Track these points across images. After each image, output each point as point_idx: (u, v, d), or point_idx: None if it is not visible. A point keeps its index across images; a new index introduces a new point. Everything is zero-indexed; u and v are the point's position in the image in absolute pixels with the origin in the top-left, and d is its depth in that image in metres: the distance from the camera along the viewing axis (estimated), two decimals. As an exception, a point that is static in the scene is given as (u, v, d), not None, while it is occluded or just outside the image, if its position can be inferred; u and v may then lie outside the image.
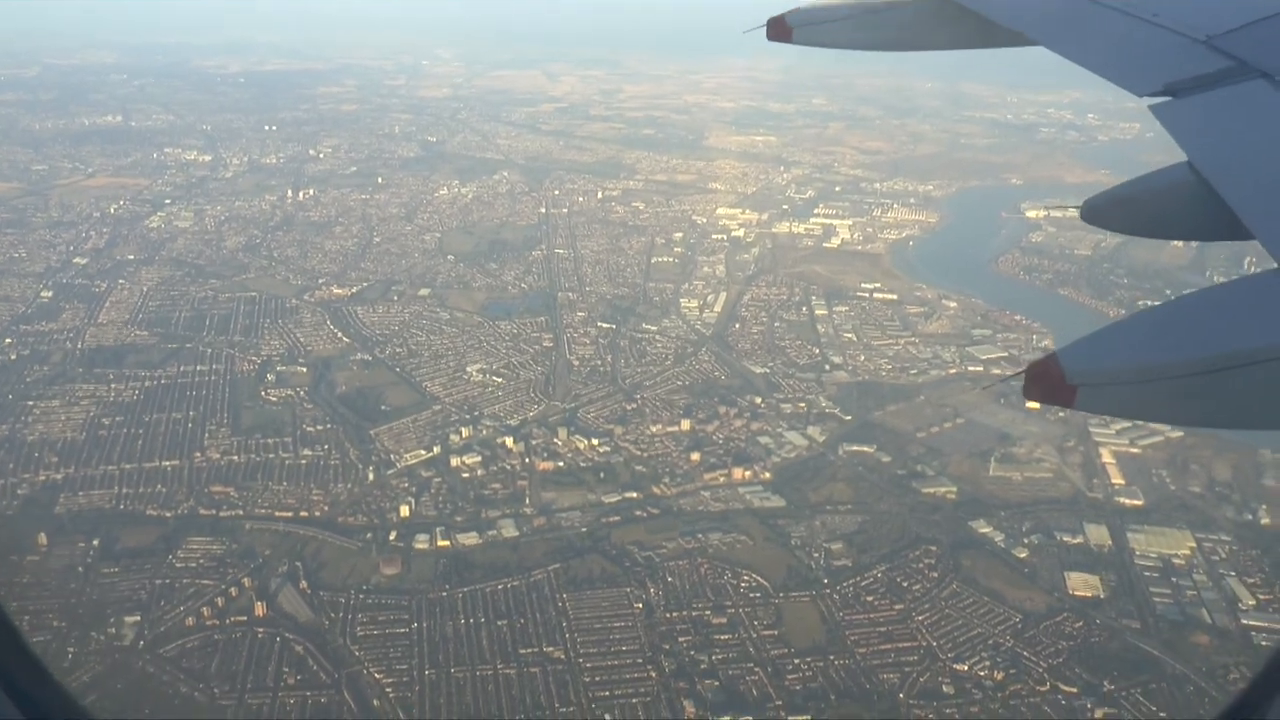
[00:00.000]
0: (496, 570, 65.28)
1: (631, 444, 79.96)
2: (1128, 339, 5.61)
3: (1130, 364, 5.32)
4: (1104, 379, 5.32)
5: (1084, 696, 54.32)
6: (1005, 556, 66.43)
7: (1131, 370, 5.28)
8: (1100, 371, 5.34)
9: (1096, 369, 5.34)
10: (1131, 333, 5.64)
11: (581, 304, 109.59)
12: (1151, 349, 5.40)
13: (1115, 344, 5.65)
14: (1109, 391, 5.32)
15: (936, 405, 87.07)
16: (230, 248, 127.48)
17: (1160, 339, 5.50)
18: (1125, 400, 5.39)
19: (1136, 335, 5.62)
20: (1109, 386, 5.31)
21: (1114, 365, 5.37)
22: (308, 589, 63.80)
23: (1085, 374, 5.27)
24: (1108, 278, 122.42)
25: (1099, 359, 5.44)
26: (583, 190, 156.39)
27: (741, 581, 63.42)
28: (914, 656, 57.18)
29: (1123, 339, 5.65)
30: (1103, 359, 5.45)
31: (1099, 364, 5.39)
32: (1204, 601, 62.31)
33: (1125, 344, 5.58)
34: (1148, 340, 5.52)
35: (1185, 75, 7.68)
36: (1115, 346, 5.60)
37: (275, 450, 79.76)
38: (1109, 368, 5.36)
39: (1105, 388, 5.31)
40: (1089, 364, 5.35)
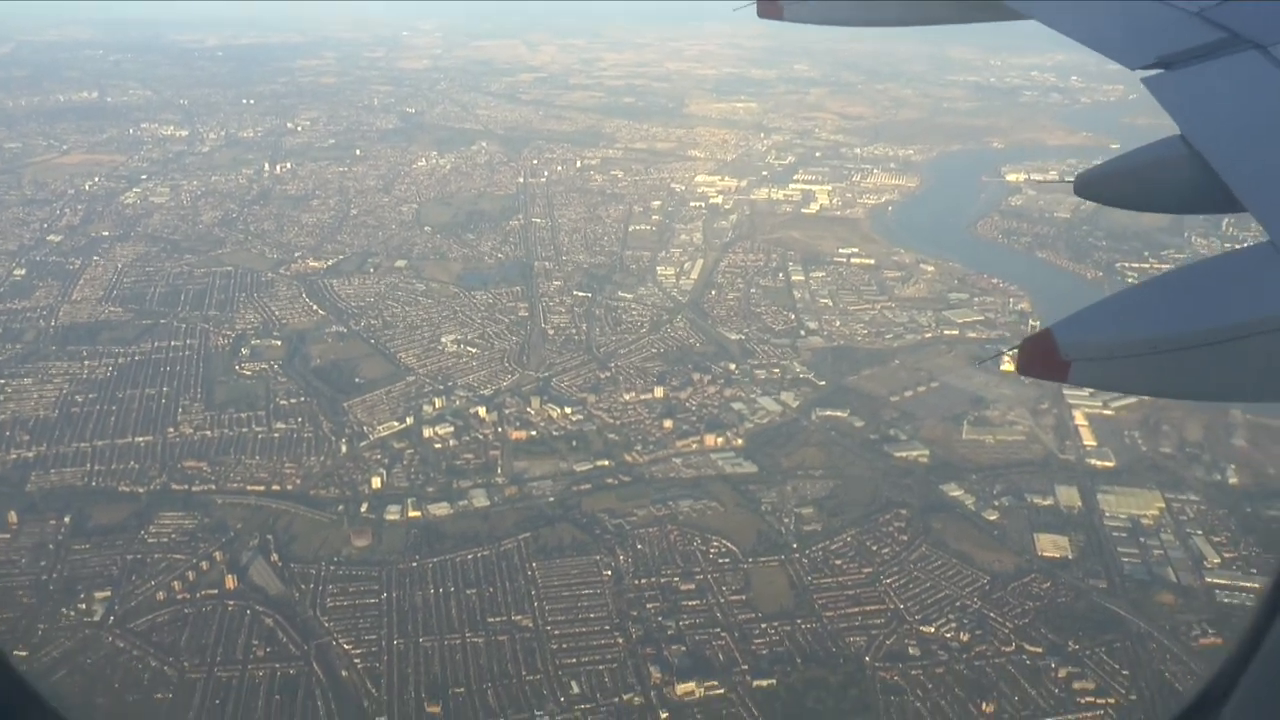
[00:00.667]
0: (467, 540, 65.29)
1: (604, 412, 79.90)
2: (1121, 314, 5.73)
3: (1123, 339, 5.41)
4: (1098, 353, 5.43)
5: (1049, 656, 54.56)
6: (975, 519, 66.59)
7: (1125, 345, 5.38)
8: (1094, 346, 5.44)
9: (1090, 343, 5.44)
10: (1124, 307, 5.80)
11: (558, 273, 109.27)
12: (1144, 323, 5.47)
13: (1108, 319, 5.77)
14: (1102, 366, 5.44)
15: (911, 369, 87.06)
16: (206, 222, 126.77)
17: (1153, 313, 5.57)
18: (1119, 374, 5.56)
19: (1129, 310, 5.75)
20: (1102, 361, 5.43)
21: (1107, 340, 5.47)
22: (279, 562, 63.76)
23: (1079, 348, 5.36)
24: (1086, 240, 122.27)
25: (1092, 334, 5.54)
26: (561, 159, 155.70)
27: (711, 548, 63.49)
28: (881, 619, 57.35)
29: (1116, 314, 5.79)
30: (1096, 334, 5.54)
31: (1092, 338, 5.49)
32: (1170, 561, 62.58)
33: (1118, 319, 5.68)
34: (1141, 315, 5.60)
35: (1177, 48, 7.69)
36: (1108, 321, 5.71)
37: (249, 424, 79.56)
38: (1102, 342, 5.46)
39: (1099, 362, 5.42)
40: (1083, 338, 5.45)
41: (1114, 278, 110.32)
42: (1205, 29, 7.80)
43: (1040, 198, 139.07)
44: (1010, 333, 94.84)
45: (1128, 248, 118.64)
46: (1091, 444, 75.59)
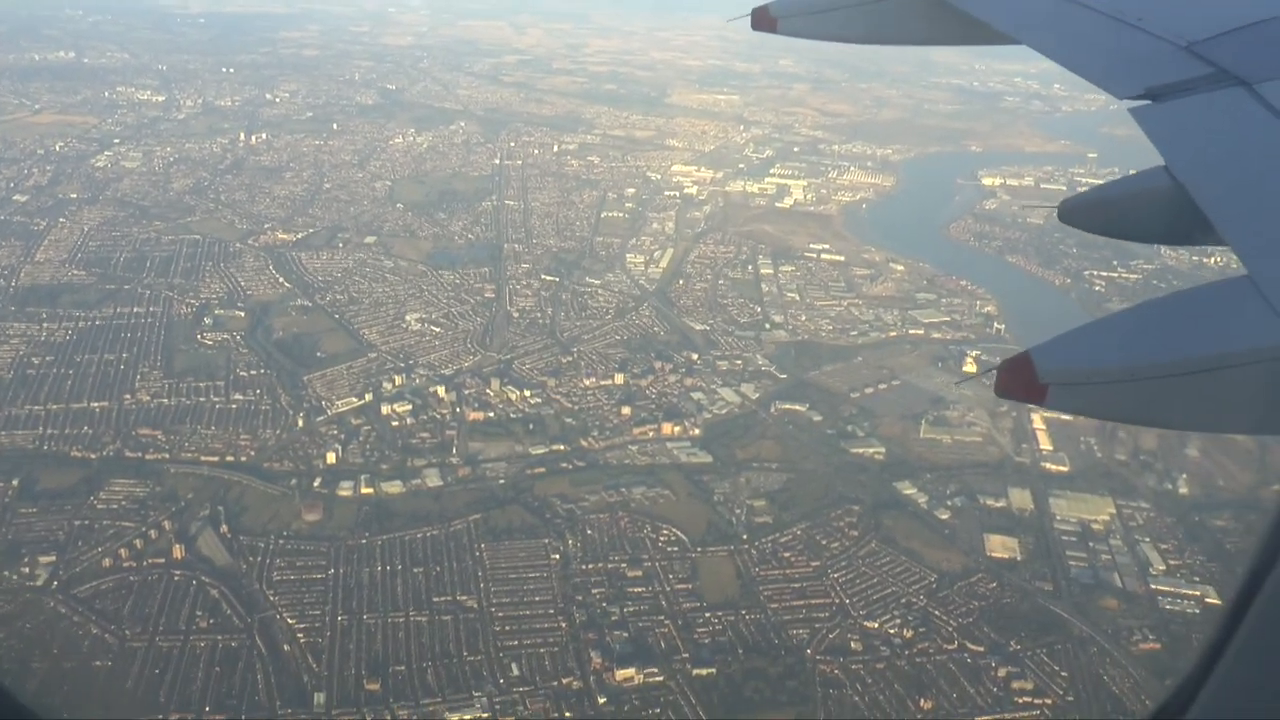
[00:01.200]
0: (417, 519, 65.08)
1: (563, 396, 79.75)
2: (1100, 340, 5.79)
3: (1102, 365, 5.47)
4: (1075, 378, 5.49)
5: (990, 655, 54.82)
6: (927, 518, 66.82)
7: (1102, 371, 5.44)
8: (1072, 371, 5.49)
9: (1068, 369, 5.49)
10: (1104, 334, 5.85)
11: (527, 256, 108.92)
12: (1122, 351, 5.53)
13: (1088, 345, 5.82)
14: (1079, 391, 5.52)
15: (874, 367, 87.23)
16: (177, 190, 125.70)
17: (1132, 341, 5.61)
18: (1095, 400, 5.62)
19: (1109, 337, 5.81)
20: (1080, 386, 5.49)
21: (1086, 365, 5.51)
22: (228, 533, 63.43)
23: (1057, 373, 5.41)
24: (1057, 247, 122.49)
25: (1071, 359, 5.59)
26: (539, 143, 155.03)
27: (661, 536, 63.49)
28: (825, 613, 57.49)
29: (1095, 340, 5.84)
30: (1075, 359, 5.60)
31: (1071, 364, 5.54)
32: (1117, 566, 63.03)
33: (1098, 345, 5.75)
34: (1120, 342, 5.66)
35: (1166, 80, 7.75)
36: (1088, 347, 5.76)
37: (206, 394, 79.07)
38: (1081, 368, 5.50)
39: (1076, 387, 5.49)
40: (1061, 363, 5.50)
41: (1081, 285, 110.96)
42: (1193, 63, 7.90)
43: (1014, 202, 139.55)
44: (975, 334, 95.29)
45: (1098, 256, 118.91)
46: (1047, 448, 75.93)
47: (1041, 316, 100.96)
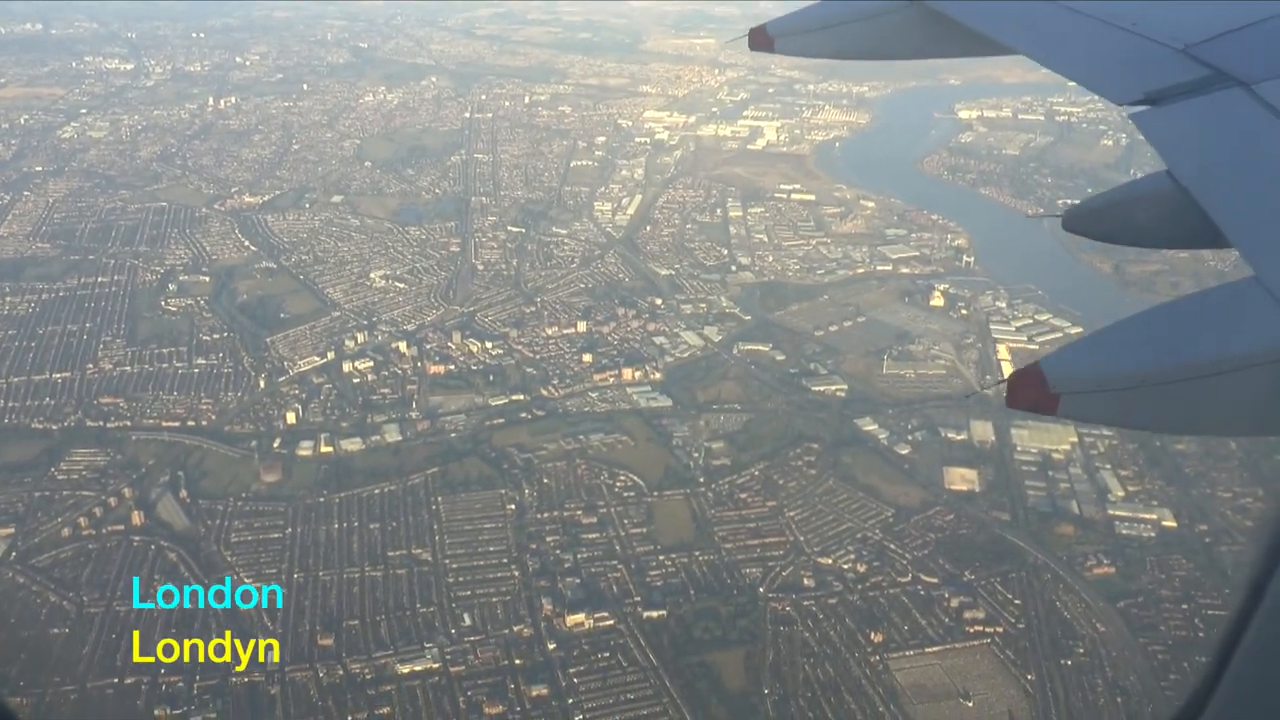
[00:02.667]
0: (376, 475, 65.03)
1: (525, 347, 79.48)
2: (1109, 348, 5.82)
3: (1111, 372, 5.52)
4: (1086, 387, 5.55)
5: (943, 587, 54.81)
6: (886, 453, 66.61)
7: (1113, 379, 5.49)
8: (1082, 380, 5.56)
9: (1078, 377, 5.56)
10: (1113, 341, 5.85)
11: (494, 208, 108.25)
12: (1132, 358, 5.56)
13: (1097, 353, 5.94)
14: (1091, 399, 5.58)
15: (839, 304, 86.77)
16: (144, 157, 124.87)
17: (1141, 348, 5.65)
18: (1107, 408, 5.72)
19: (1117, 344, 5.82)
20: (1091, 394, 5.56)
21: (1095, 373, 5.58)
22: (187, 498, 63.41)
23: (1068, 382, 5.48)
24: (1031, 177, 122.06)
25: (1081, 367, 5.69)
26: (510, 95, 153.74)
27: (617, 481, 63.37)
28: (779, 552, 57.42)
29: (1104, 348, 5.90)
30: (1085, 368, 5.68)
31: (1081, 372, 5.61)
32: (1076, 494, 62.94)
33: (1106, 353, 5.79)
34: (1129, 349, 5.68)
35: (1164, 84, 7.73)
36: (1097, 355, 5.87)
37: (169, 360, 78.89)
38: (1091, 376, 5.57)
39: (1087, 395, 5.55)
40: (1071, 372, 5.58)
41: (1055, 215, 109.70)
42: (1191, 66, 7.86)
43: (991, 135, 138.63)
44: (944, 268, 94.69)
45: (1072, 184, 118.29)
46: (1012, 379, 75.46)
47: (1012, 247, 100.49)
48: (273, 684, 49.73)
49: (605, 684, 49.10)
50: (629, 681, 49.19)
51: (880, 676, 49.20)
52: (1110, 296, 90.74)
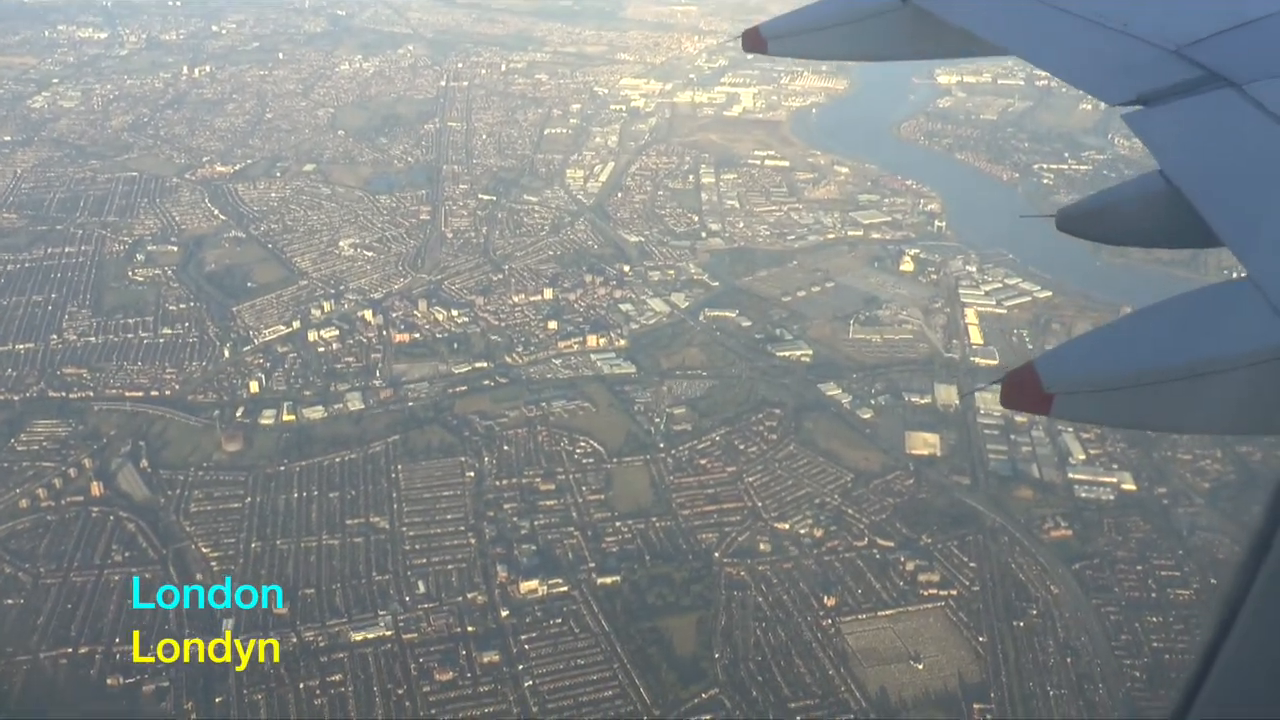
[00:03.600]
0: (337, 443, 64.93)
1: (491, 314, 79.18)
2: (1102, 348, 5.87)
3: (1105, 372, 5.52)
4: (1079, 387, 5.54)
5: (899, 550, 54.90)
6: (849, 418, 66.55)
7: (1107, 378, 5.49)
8: (1076, 380, 5.55)
9: (1072, 377, 5.55)
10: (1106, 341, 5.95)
11: (466, 176, 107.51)
12: (1126, 358, 5.58)
13: (1090, 353, 5.95)
14: (1085, 399, 5.57)
15: (808, 270, 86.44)
16: (115, 127, 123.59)
17: (1134, 348, 5.68)
18: (1101, 408, 5.72)
19: (1111, 344, 5.88)
20: (1085, 394, 5.54)
21: (1089, 373, 5.57)
22: (148, 468, 63.35)
23: (1062, 382, 5.47)
24: (1008, 142, 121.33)
25: (1075, 367, 5.69)
26: (487, 63, 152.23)
27: (578, 448, 63.28)
28: (737, 517, 57.45)
29: (1097, 348, 5.95)
30: (1078, 367, 5.68)
31: (1074, 372, 5.61)
32: (1037, 457, 63.03)
33: (1100, 353, 5.81)
34: (1122, 349, 5.72)
35: (1156, 85, 7.75)
36: (1090, 355, 5.87)
37: (135, 330, 78.57)
38: (1084, 376, 5.57)
39: (1081, 395, 5.54)
40: (1065, 372, 5.58)
41: (1030, 179, 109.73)
42: (1183, 67, 7.84)
43: (970, 100, 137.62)
44: (915, 233, 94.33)
45: (1048, 149, 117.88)
46: (978, 342, 75.64)
47: (985, 212, 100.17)
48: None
49: (556, 650, 49.26)
50: (580, 647, 49.36)
51: (831, 640, 49.37)
52: (1082, 261, 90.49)
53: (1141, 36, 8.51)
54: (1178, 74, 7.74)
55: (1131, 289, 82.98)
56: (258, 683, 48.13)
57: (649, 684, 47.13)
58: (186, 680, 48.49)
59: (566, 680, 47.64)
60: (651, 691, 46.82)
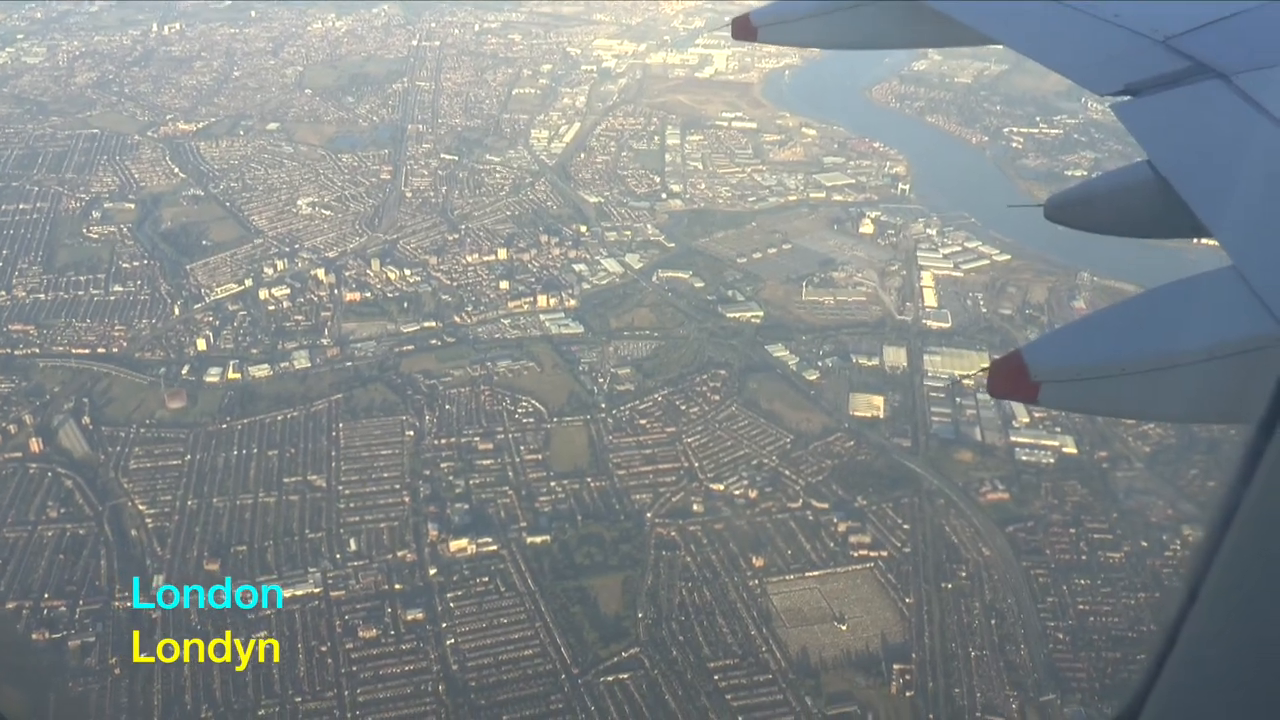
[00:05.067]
0: (281, 402, 64.69)
1: (444, 274, 78.75)
2: (1091, 337, 5.98)
3: (1092, 361, 5.59)
4: (1066, 375, 5.61)
5: (833, 512, 54.80)
6: (794, 379, 66.39)
7: (1093, 367, 5.55)
8: (1062, 368, 5.62)
9: (1059, 366, 5.63)
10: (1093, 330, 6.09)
11: (430, 136, 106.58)
12: (1113, 346, 5.63)
13: (1077, 341, 6.08)
14: (1071, 388, 5.62)
15: (766, 232, 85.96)
16: (80, 84, 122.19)
17: (1121, 336, 5.74)
18: (1087, 396, 5.74)
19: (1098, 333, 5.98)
20: (1071, 383, 5.60)
21: (1076, 362, 5.65)
22: (90, 424, 63.04)
23: (1048, 370, 5.54)
24: (981, 105, 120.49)
25: (1062, 356, 5.78)
26: (461, 23, 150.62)
27: (519, 408, 63.12)
28: (672, 478, 57.36)
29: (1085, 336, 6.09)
30: (1065, 356, 5.77)
31: (1061, 361, 5.69)
32: (980, 420, 62.89)
33: (1087, 341, 5.91)
34: (1109, 338, 5.78)
35: (1145, 75, 7.81)
36: (1077, 344, 5.99)
37: (86, 288, 78.10)
38: (1071, 364, 5.64)
39: (1068, 384, 5.60)
40: (1052, 361, 5.66)
41: (999, 143, 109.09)
42: (1171, 57, 7.92)
43: (945, 62, 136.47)
44: (878, 196, 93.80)
45: (1020, 113, 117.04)
46: (932, 305, 75.34)
47: (951, 175, 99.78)
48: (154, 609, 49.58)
49: (481, 608, 49.26)
50: (504, 606, 49.37)
51: (756, 600, 49.35)
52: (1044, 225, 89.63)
53: (1130, 27, 8.56)
54: (1166, 64, 7.82)
55: (1091, 254, 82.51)
56: (183, 638, 48.02)
57: (570, 643, 47.13)
58: (112, 634, 48.49)
59: (488, 639, 47.62)
60: (572, 650, 46.82)
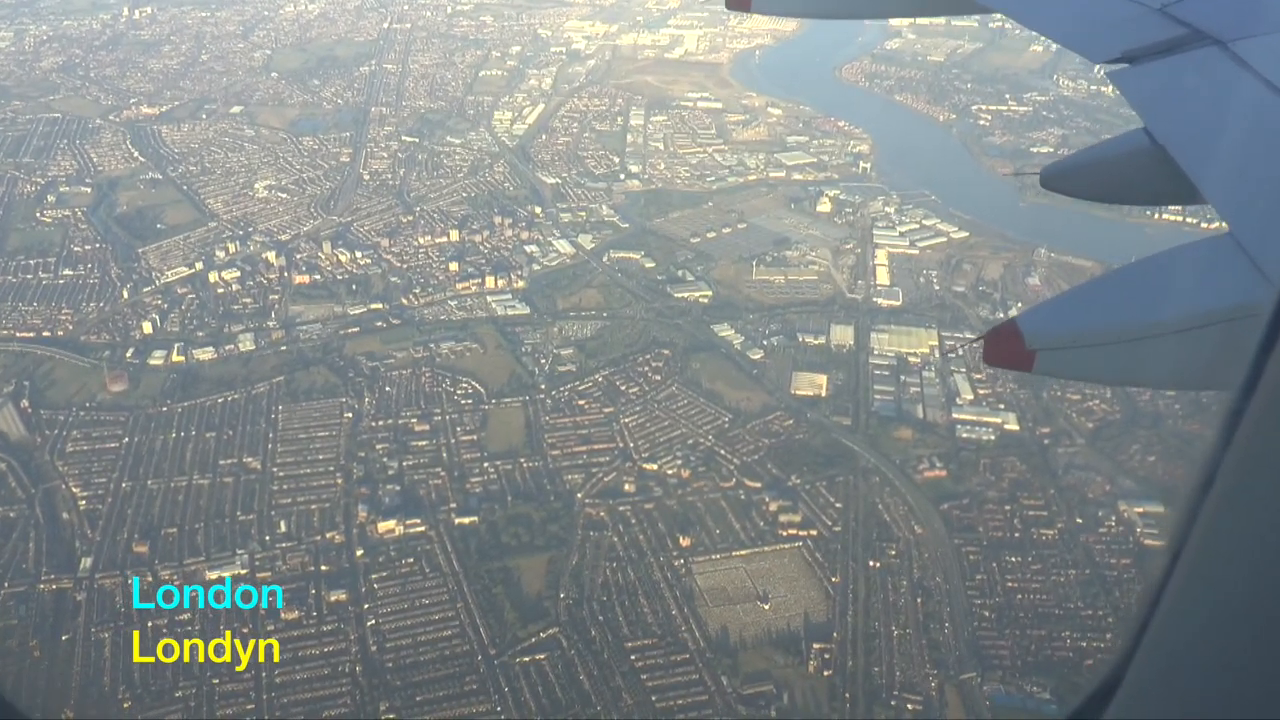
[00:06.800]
0: (222, 384, 64.39)
1: (394, 256, 78.38)
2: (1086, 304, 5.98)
3: (1086, 329, 5.59)
4: (1061, 343, 5.60)
5: (765, 491, 54.52)
6: (738, 358, 66.10)
7: (1089, 335, 5.55)
8: (1057, 336, 5.61)
9: (1054, 334, 5.61)
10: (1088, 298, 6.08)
11: (393, 118, 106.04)
12: (1108, 314, 5.68)
13: (1072, 310, 6.08)
14: (1067, 355, 5.62)
15: (722, 211, 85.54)
16: (44, 68, 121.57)
17: (1116, 304, 5.78)
18: (1083, 364, 5.76)
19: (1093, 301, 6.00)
20: (1067, 350, 5.59)
21: (1071, 330, 5.64)
22: (29, 408, 62.73)
23: (1044, 338, 5.51)
24: (951, 84, 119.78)
25: (1057, 325, 5.77)
26: (434, 5, 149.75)
27: (459, 389, 62.85)
28: (606, 458, 57.09)
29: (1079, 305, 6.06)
30: (1060, 325, 5.76)
31: (1056, 329, 5.68)
32: (924, 398, 62.63)
33: (1082, 309, 5.93)
34: (1104, 305, 5.82)
35: (1141, 43, 7.79)
36: (1072, 312, 6.00)
37: (35, 272, 77.75)
38: (1066, 333, 5.63)
39: (1063, 352, 5.59)
40: (1047, 329, 5.63)
41: (966, 120, 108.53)
42: (1168, 25, 7.88)
43: (919, 41, 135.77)
44: (839, 174, 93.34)
45: (990, 90, 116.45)
46: (884, 283, 75.02)
47: (915, 153, 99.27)
48: (79, 590, 49.44)
49: (404, 589, 49.05)
50: (427, 587, 49.14)
51: (680, 580, 49.12)
52: (1006, 202, 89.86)
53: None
54: (1163, 32, 7.77)
55: (1050, 230, 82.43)
56: (106, 620, 47.91)
57: (489, 624, 46.91)
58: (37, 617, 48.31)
59: (408, 620, 47.38)
60: (491, 631, 46.59)
